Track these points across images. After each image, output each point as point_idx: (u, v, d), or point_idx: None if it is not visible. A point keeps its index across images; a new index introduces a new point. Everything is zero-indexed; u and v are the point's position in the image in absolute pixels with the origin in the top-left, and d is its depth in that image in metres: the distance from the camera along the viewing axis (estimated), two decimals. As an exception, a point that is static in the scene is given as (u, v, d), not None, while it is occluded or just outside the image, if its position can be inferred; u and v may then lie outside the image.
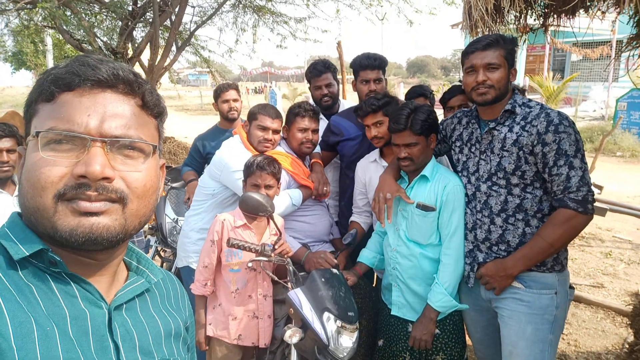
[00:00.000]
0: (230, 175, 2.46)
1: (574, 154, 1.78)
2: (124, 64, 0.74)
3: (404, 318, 2.20)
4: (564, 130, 1.78)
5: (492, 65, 1.88)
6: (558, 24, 2.93)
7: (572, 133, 1.79)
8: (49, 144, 0.68)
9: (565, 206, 1.79)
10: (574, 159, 1.78)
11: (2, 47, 8.66)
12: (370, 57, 2.72)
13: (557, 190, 1.82)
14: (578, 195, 1.77)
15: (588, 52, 15.25)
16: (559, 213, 1.82)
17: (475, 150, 2.03)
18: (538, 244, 1.84)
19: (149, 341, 0.78)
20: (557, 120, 1.80)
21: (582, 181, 1.78)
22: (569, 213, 1.79)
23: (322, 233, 2.64)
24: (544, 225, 1.86)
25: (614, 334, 3.59)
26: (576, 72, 18.27)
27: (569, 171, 1.78)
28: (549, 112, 1.84)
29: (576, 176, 1.77)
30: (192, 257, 2.71)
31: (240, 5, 7.34)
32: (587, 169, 1.82)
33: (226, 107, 3.51)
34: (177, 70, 22.34)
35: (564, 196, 1.80)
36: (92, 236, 0.67)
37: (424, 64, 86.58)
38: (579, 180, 1.77)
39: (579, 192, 1.77)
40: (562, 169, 1.78)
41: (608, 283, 4.56)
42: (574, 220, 1.79)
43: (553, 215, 1.84)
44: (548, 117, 1.82)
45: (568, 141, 1.78)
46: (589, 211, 1.79)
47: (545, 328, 1.89)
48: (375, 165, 2.50)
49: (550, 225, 1.83)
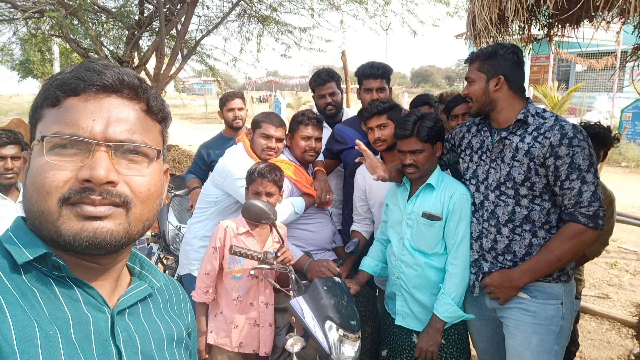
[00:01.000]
0: (233, 183, 2.46)
1: (587, 168, 1.75)
2: (129, 70, 0.75)
3: (408, 328, 2.18)
4: (577, 144, 1.75)
5: (470, 80, 1.97)
6: (562, 34, 2.94)
7: (586, 147, 1.77)
8: (54, 148, 0.68)
9: (575, 221, 1.77)
10: (586, 174, 1.75)
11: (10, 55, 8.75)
12: (374, 66, 2.73)
13: (568, 204, 1.79)
14: (589, 210, 1.75)
15: (593, 63, 15.25)
16: (568, 227, 1.79)
17: (486, 158, 2.02)
18: (545, 257, 1.82)
19: (151, 346, 0.78)
20: (572, 134, 1.77)
21: (594, 196, 1.75)
22: (579, 228, 1.77)
23: (324, 241, 2.63)
24: (552, 238, 1.84)
25: (620, 345, 3.55)
26: (581, 82, 18.24)
27: (581, 186, 1.75)
28: (564, 124, 1.81)
29: (588, 191, 1.75)
30: (194, 265, 2.70)
31: (245, 15, 7.40)
32: (599, 184, 1.80)
33: (231, 115, 3.52)
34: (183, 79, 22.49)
35: (574, 210, 1.77)
36: (96, 240, 0.67)
37: (428, 74, 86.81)
38: (591, 195, 1.75)
39: (590, 207, 1.75)
40: (575, 183, 1.76)
41: (613, 294, 4.51)
42: (584, 235, 1.77)
43: (562, 228, 1.82)
44: (562, 129, 1.78)
45: (582, 155, 1.75)
46: (599, 227, 1.76)
47: (551, 339, 1.87)
48: None
49: (559, 239, 1.81)
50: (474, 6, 2.51)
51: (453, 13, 6.72)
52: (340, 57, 8.70)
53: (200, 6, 7.24)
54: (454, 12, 6.71)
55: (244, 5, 7.19)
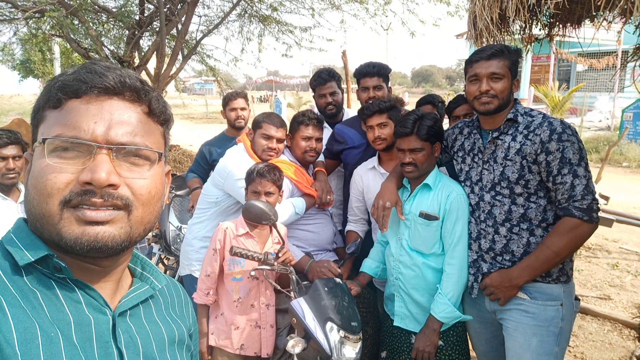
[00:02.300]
0: (233, 184, 2.46)
1: (577, 162, 1.78)
2: (130, 71, 0.75)
3: (407, 329, 2.18)
4: (567, 139, 1.78)
5: (496, 75, 1.88)
6: (563, 34, 2.94)
7: (576, 142, 1.80)
8: (56, 150, 0.68)
9: (570, 215, 1.78)
10: (577, 167, 1.77)
11: (11, 55, 8.76)
12: (370, 64, 2.74)
13: (562, 199, 1.81)
14: (583, 204, 1.77)
15: (594, 63, 15.24)
16: (564, 222, 1.81)
17: (478, 160, 2.02)
18: (543, 253, 1.82)
19: (153, 348, 0.78)
20: (560, 129, 1.80)
21: (586, 189, 1.77)
22: (574, 222, 1.78)
23: (325, 242, 2.63)
24: (548, 235, 1.85)
25: (622, 347, 3.54)
26: (581, 82, 18.24)
27: (573, 180, 1.77)
28: (552, 120, 1.84)
29: (580, 184, 1.77)
30: (194, 266, 2.71)
31: (246, 15, 7.40)
32: (591, 178, 1.82)
33: (234, 115, 3.53)
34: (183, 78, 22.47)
35: (568, 205, 1.79)
36: (97, 245, 0.67)
37: (428, 74, 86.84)
38: (584, 188, 1.77)
39: (583, 201, 1.77)
40: (567, 177, 1.78)
41: (615, 295, 4.51)
42: (580, 228, 1.78)
43: (558, 224, 1.83)
44: (551, 125, 1.82)
45: (572, 149, 1.78)
46: (594, 220, 1.78)
47: (551, 340, 1.86)
48: (374, 173, 2.50)
49: (555, 234, 1.82)
50: (474, 6, 2.51)
51: (454, 13, 6.72)
52: (341, 57, 8.70)
53: (201, 6, 7.24)
54: (454, 11, 6.71)
55: (244, 5, 7.19)
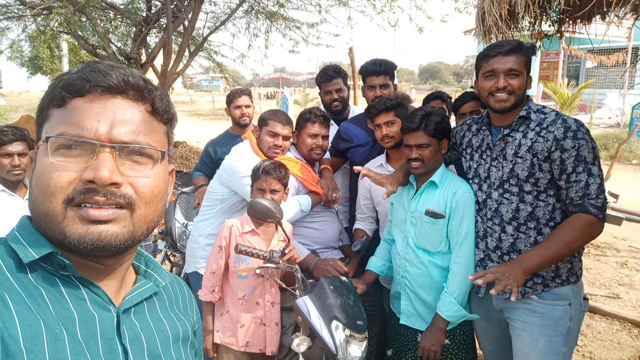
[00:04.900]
0: (239, 181, 2.46)
1: (592, 161, 1.77)
2: (134, 70, 0.75)
3: (413, 327, 2.17)
4: (582, 137, 1.77)
5: (513, 72, 1.85)
6: (573, 30, 2.90)
7: (589, 140, 1.79)
8: (59, 149, 0.68)
9: (586, 211, 1.76)
10: (592, 166, 1.77)
11: (19, 52, 8.84)
12: (376, 62, 2.72)
13: (576, 197, 1.78)
14: (597, 202, 1.76)
15: (603, 59, 15.05)
16: (578, 217, 1.78)
17: (487, 157, 2.00)
18: (554, 243, 1.78)
19: (157, 345, 0.78)
20: (575, 127, 1.78)
21: (600, 188, 1.77)
22: (590, 218, 1.76)
23: (331, 239, 2.63)
24: (561, 227, 1.81)
25: (631, 346, 3.51)
26: (591, 78, 18.03)
27: (588, 178, 1.76)
28: (566, 118, 1.83)
29: (594, 183, 1.76)
30: (200, 263, 2.71)
31: (252, 11, 7.40)
32: (603, 177, 1.81)
33: (238, 112, 3.53)
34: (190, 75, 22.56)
35: (583, 202, 1.77)
36: (100, 244, 0.68)
37: (436, 70, 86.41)
38: (598, 187, 1.77)
39: (598, 199, 1.76)
40: (582, 175, 1.76)
41: (624, 294, 4.46)
42: (594, 226, 1.77)
43: (572, 218, 1.79)
44: (565, 123, 1.80)
45: (586, 148, 1.77)
46: (605, 219, 1.79)
47: (559, 340, 1.85)
48: (382, 171, 2.48)
49: (569, 228, 1.78)
50: (483, 2, 2.49)
51: (462, 9, 6.66)
52: (348, 54, 8.67)
53: (208, 3, 7.25)
54: (462, 7, 6.65)
55: (251, 2, 7.18)
